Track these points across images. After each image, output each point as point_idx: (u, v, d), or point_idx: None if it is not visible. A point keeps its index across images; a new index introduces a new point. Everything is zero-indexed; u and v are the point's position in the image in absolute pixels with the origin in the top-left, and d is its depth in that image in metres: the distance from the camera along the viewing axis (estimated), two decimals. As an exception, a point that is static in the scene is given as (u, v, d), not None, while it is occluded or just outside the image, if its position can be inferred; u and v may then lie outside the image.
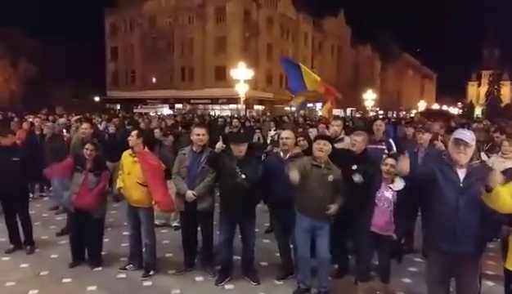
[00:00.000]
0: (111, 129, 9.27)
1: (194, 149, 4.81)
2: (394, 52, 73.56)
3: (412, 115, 51.56)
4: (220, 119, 15.05)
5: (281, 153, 4.77)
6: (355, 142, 4.77)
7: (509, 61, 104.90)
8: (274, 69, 45.44)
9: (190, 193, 4.64)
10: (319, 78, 8.80)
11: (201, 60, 43.65)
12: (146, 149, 4.97)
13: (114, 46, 50.47)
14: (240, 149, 4.50)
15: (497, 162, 5.42)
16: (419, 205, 4.47)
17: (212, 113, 35.09)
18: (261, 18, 44.28)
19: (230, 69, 31.75)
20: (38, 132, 8.99)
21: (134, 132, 4.91)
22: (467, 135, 3.24)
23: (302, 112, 28.89)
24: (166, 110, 39.08)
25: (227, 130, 11.01)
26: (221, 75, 40.83)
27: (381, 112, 56.20)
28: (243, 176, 4.40)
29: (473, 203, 3.16)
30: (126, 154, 4.94)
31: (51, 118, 13.93)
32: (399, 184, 3.97)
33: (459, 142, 3.21)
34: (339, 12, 60.19)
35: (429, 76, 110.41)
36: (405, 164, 3.62)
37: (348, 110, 55.11)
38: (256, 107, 42.10)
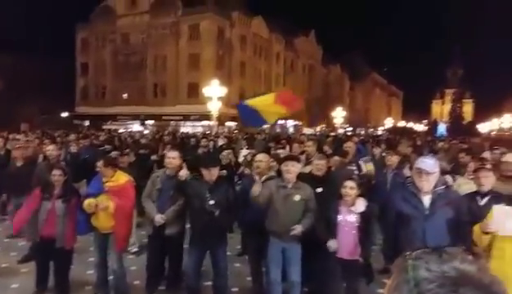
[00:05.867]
0: (73, 148, 9.01)
1: (167, 172, 4.73)
2: (363, 72, 75.81)
3: (380, 133, 52.98)
4: (192, 139, 14.67)
5: (256, 177, 4.74)
6: (318, 166, 4.85)
7: (471, 80, 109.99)
8: (247, 87, 45.79)
9: (158, 217, 4.54)
10: (272, 96, 8.59)
11: (174, 76, 43.52)
12: (121, 174, 4.82)
13: (84, 62, 49.59)
14: (211, 174, 4.41)
15: (463, 184, 5.59)
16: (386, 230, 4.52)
17: (184, 130, 34.85)
18: (234, 36, 44.74)
19: (203, 86, 31.76)
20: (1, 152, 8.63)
21: (101, 162, 4.78)
22: (428, 164, 3.32)
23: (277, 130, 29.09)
24: (136, 127, 38.52)
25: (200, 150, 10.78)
26: (194, 92, 40.74)
27: (350, 128, 57.33)
28: (211, 202, 4.31)
29: (440, 230, 3.22)
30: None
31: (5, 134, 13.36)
32: (361, 206, 3.97)
33: (421, 171, 3.28)
34: (310, 32, 61.58)
35: (396, 94, 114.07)
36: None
37: (318, 128, 56.02)
38: (228, 123, 42.16)
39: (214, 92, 28.05)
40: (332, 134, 28.44)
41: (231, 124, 42.76)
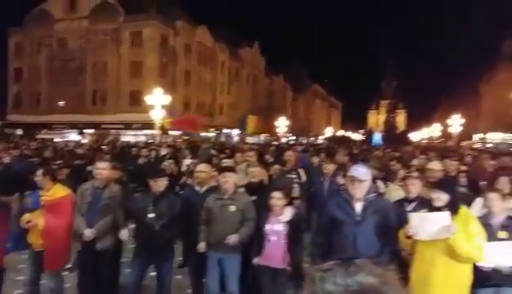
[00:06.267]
0: (6, 159, 8.50)
1: (96, 184, 4.53)
2: (304, 83, 78.22)
3: (320, 142, 54.82)
4: (133, 148, 14.01)
5: (197, 187, 4.73)
6: (254, 173, 4.99)
7: (404, 92, 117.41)
8: (192, 96, 45.48)
9: (88, 232, 4.34)
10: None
11: (115, 84, 42.17)
12: (59, 187, 4.59)
13: (18, 67, 46.55)
14: (158, 185, 4.32)
15: (393, 191, 5.99)
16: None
17: (125, 139, 33.81)
18: (178, 45, 44.33)
19: (145, 94, 31.10)
20: None
21: (40, 171, 4.49)
22: (361, 172, 3.51)
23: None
24: (74, 136, 36.80)
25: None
26: (136, 100, 39.65)
27: (293, 138, 58.78)
28: (150, 216, 4.21)
29: (370, 235, 3.39)
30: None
31: None
32: (287, 214, 4.04)
33: (354, 179, 3.47)
34: (254, 43, 62.57)
35: (335, 105, 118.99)
36: None
37: (262, 136, 56.83)
38: (172, 132, 41.52)
39: (157, 101, 27.55)
40: (275, 143, 28.98)
41: (175, 133, 42.17)
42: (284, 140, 45.19)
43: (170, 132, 40.74)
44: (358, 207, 3.52)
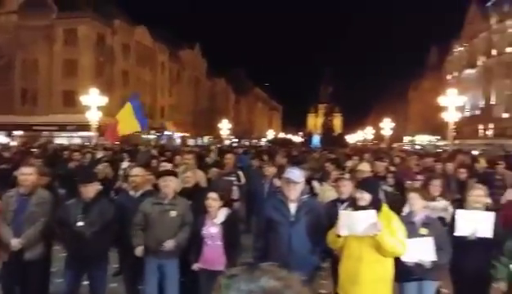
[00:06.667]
0: None
1: (21, 191, 4.27)
2: (246, 86, 78.91)
3: (262, 144, 55.59)
4: (65, 152, 13.33)
5: (131, 192, 4.62)
6: (187, 178, 4.97)
7: (340, 97, 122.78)
8: (130, 96, 44.16)
9: (15, 242, 4.11)
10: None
11: (47, 83, 39.79)
12: None
13: None
14: (87, 191, 4.15)
15: (327, 191, 6.28)
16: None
17: (59, 141, 32.04)
18: (116, 44, 42.83)
19: (81, 95, 29.70)
20: None
21: None
22: (295, 174, 3.67)
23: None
24: (2, 138, 34.22)
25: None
26: (70, 100, 37.66)
27: (236, 140, 59.07)
28: (79, 224, 4.04)
29: (303, 235, 3.55)
30: None
31: None
32: (221, 216, 4.08)
33: (288, 181, 3.62)
34: (195, 45, 62.06)
35: (276, 108, 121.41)
36: None
37: (205, 138, 56.51)
38: (110, 135, 40.01)
39: (93, 101, 26.44)
40: (217, 145, 28.97)
41: (113, 135, 40.68)
42: (227, 142, 45.27)
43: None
44: (293, 208, 3.66)
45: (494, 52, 45.56)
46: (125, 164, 9.57)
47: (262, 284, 0.90)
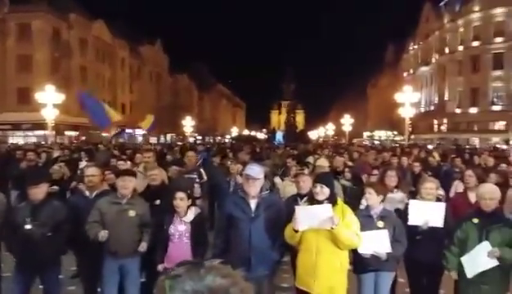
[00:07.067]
0: None
1: None
2: (209, 83, 78.38)
3: (227, 140, 55.52)
4: (19, 151, 12.30)
5: (87, 192, 4.51)
6: (152, 176, 4.94)
7: (302, 94, 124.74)
8: (89, 93, 42.82)
9: None
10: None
11: (0, 80, 37.85)
12: None
13: None
14: (35, 192, 3.98)
15: (287, 186, 6.39)
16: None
17: (13, 140, 30.63)
18: (73, 39, 41.32)
19: (36, 92, 28.49)
20: None
21: None
22: (255, 170, 3.72)
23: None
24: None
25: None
26: (24, 98, 35.98)
27: (199, 137, 58.67)
28: (27, 227, 3.90)
29: (263, 230, 3.59)
30: None
31: None
32: (191, 215, 4.09)
33: (248, 177, 3.66)
34: (156, 41, 60.94)
35: (240, 105, 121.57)
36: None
37: (168, 136, 55.73)
38: (68, 133, 38.64)
39: (49, 98, 25.42)
40: (179, 143, 28.66)
41: (72, 134, 39.30)
42: (191, 139, 44.84)
43: (66, 133, 37.93)
44: (253, 204, 3.71)
45: (447, 50, 47.63)
46: (83, 164, 9.26)
47: (207, 283, 0.87)
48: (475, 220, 3.94)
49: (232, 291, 0.87)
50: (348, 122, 39.62)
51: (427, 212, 4.32)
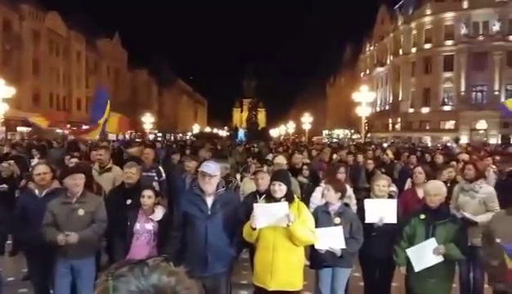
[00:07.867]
0: None
1: None
2: (169, 78, 77.04)
3: (188, 137, 54.91)
4: None
5: (36, 191, 4.35)
6: (128, 173, 4.83)
7: (263, 92, 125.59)
8: (42, 87, 40.99)
9: None
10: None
11: None
12: None
13: None
14: None
15: (247, 183, 6.35)
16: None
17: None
18: (25, 31, 39.32)
19: (-17, 86, 26.94)
20: None
21: None
22: (211, 167, 3.69)
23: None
24: None
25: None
26: (-30, 92, 34.00)
27: (160, 134, 57.61)
28: None
29: (220, 228, 3.60)
30: None
31: None
32: (159, 213, 4.07)
33: (204, 174, 3.63)
34: (113, 34, 59.16)
35: (201, 102, 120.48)
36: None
37: (128, 133, 54.30)
38: (20, 129, 36.81)
39: (-1, 93, 24.17)
40: (138, 140, 28.06)
41: (24, 130, 37.46)
42: (151, 136, 43.93)
43: (18, 129, 36.10)
44: (209, 201, 3.70)
45: (401, 52, 49.47)
46: (35, 161, 8.98)
47: (153, 282, 0.84)
48: (422, 216, 4.12)
49: (178, 289, 0.85)
50: (307, 120, 40.36)
51: (381, 210, 4.47)
